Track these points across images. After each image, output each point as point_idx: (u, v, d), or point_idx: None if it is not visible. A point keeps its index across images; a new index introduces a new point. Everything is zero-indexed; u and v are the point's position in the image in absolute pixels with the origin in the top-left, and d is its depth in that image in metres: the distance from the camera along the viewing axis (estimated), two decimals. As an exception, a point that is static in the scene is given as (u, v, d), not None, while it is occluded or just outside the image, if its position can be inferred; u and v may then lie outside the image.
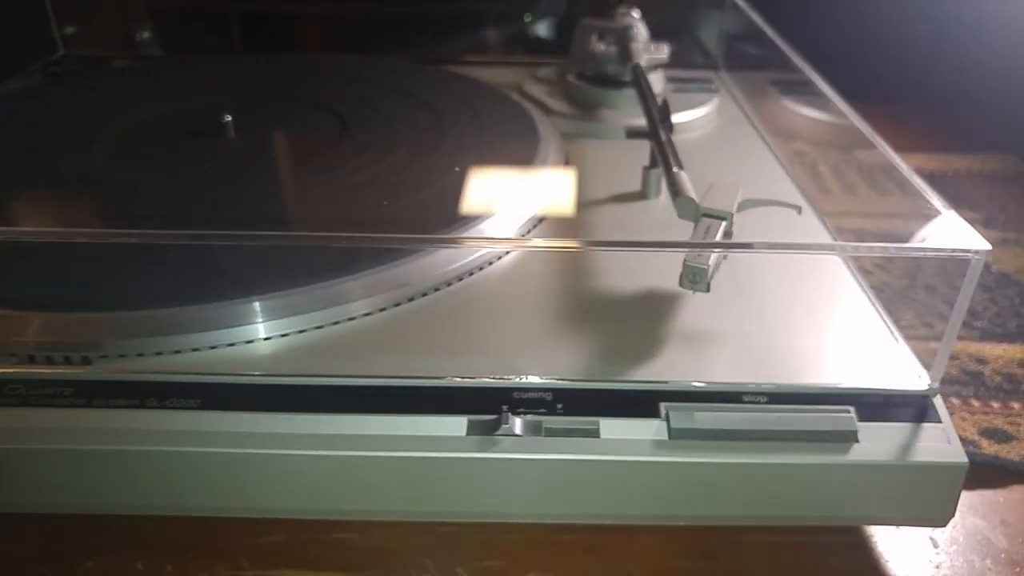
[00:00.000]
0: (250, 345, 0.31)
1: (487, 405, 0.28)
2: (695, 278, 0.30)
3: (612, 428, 0.27)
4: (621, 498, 0.28)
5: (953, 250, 0.26)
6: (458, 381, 0.29)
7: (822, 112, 0.58)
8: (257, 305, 0.31)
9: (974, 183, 0.63)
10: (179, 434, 0.27)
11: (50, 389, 0.28)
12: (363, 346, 0.31)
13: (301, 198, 0.40)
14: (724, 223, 0.31)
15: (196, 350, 0.30)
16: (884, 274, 0.48)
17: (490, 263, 0.36)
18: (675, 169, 0.35)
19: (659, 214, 0.42)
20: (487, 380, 0.29)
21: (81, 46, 0.62)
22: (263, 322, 0.31)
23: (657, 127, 0.40)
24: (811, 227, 0.40)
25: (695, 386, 0.29)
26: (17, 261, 0.33)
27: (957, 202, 0.46)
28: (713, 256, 0.30)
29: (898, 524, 0.30)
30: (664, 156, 0.37)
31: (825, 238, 0.39)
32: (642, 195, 0.43)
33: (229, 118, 0.45)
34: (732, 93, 0.59)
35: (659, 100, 0.45)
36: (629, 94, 0.51)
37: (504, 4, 0.73)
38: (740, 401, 0.28)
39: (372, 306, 0.32)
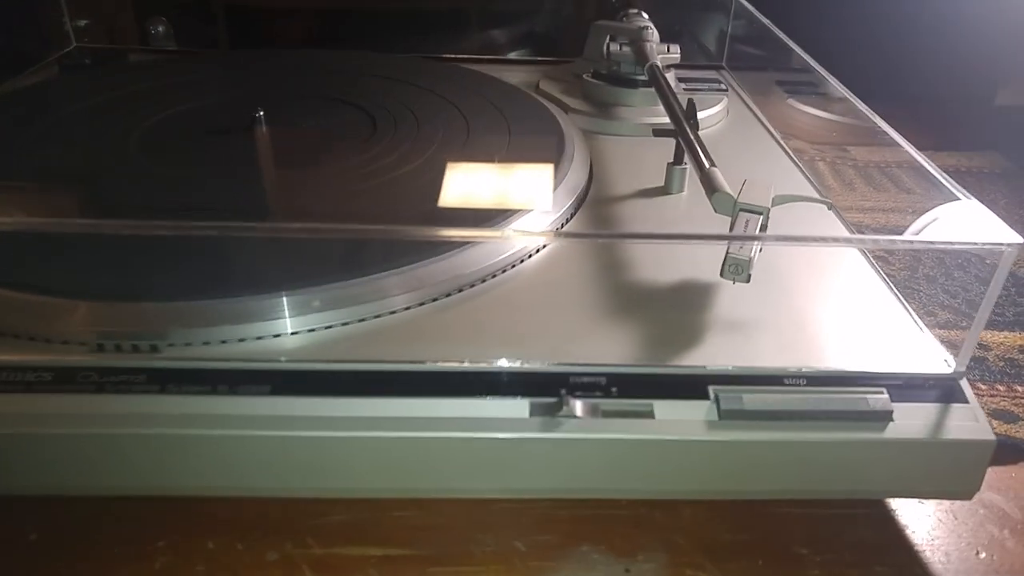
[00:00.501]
0: (312, 334, 0.32)
1: (545, 389, 0.30)
2: (738, 269, 0.32)
3: (665, 410, 0.29)
4: (673, 475, 0.29)
5: (986, 243, 0.28)
6: (518, 366, 0.30)
7: (826, 111, 0.61)
8: (319, 295, 0.32)
9: (962, 180, 0.66)
10: (251, 419, 0.29)
11: (123, 376, 0.29)
12: (413, 336, 0.32)
13: (343, 194, 0.41)
14: (761, 217, 0.33)
15: (260, 338, 0.31)
16: (886, 265, 0.50)
17: (528, 257, 0.37)
18: (709, 167, 0.37)
19: (682, 208, 0.43)
20: (545, 365, 0.30)
21: (92, 39, 0.62)
22: (323, 311, 0.32)
23: (684, 126, 0.42)
24: (825, 220, 0.42)
25: (740, 370, 0.30)
26: (84, 252, 0.34)
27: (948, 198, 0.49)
28: (753, 249, 0.32)
29: (927, 497, 0.32)
30: (695, 154, 0.39)
31: (843, 232, 0.41)
32: (665, 190, 0.45)
33: (261, 113, 0.46)
34: (737, 92, 0.61)
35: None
36: (645, 93, 0.53)
37: (505, 3, 0.74)
38: (781, 384, 0.30)
39: (415, 300, 0.33)
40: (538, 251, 0.38)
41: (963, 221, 0.31)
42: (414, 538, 0.31)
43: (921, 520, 0.32)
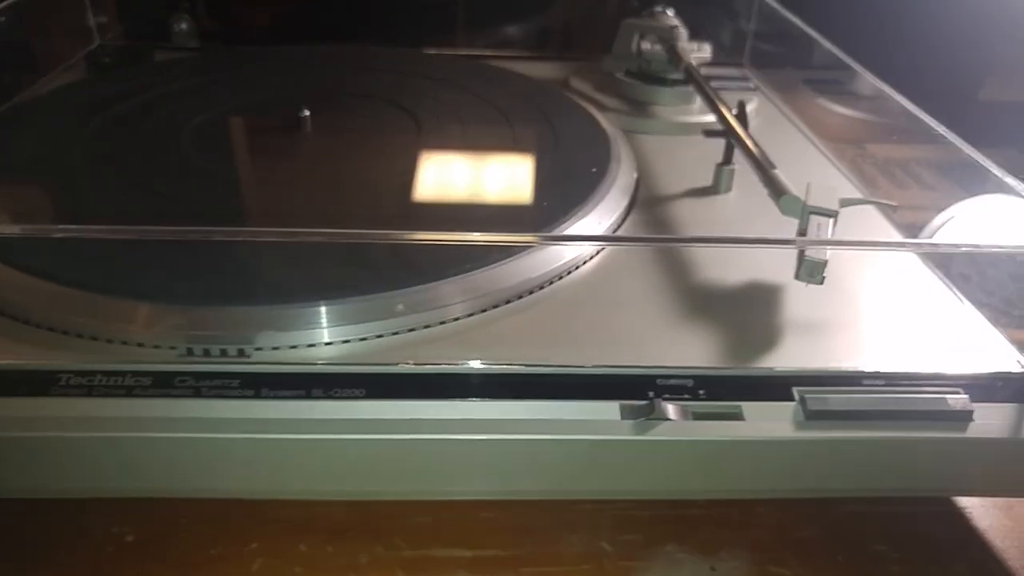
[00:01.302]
0: (395, 337, 0.32)
1: (630, 392, 0.30)
2: (813, 271, 0.32)
3: (753, 411, 0.30)
4: (760, 474, 0.30)
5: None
6: (609, 369, 0.31)
7: (852, 109, 0.62)
8: (402, 298, 0.32)
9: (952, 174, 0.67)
10: (347, 423, 0.29)
11: (218, 381, 0.29)
12: (486, 341, 0.33)
13: (399, 198, 0.41)
14: (832, 220, 0.34)
15: (346, 341, 0.31)
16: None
17: (583, 264, 0.37)
18: (772, 169, 0.37)
19: (732, 209, 0.44)
20: (633, 368, 0.31)
21: (113, 36, 0.61)
22: (407, 315, 0.32)
23: (736, 128, 0.42)
24: (872, 222, 0.43)
25: (821, 372, 0.31)
26: (171, 257, 0.33)
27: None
28: (828, 251, 0.33)
29: (1002, 495, 0.33)
30: (754, 157, 0.39)
31: (893, 233, 0.42)
32: (713, 190, 0.45)
33: (307, 113, 0.45)
34: (763, 91, 0.62)
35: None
36: (679, 91, 0.54)
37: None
38: (860, 384, 0.31)
39: (476, 306, 0.33)
40: (594, 256, 0.38)
41: (994, 216, 0.32)
42: (501, 539, 0.31)
43: (991, 517, 0.33)
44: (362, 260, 0.34)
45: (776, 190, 0.36)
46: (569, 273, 0.37)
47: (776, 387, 0.31)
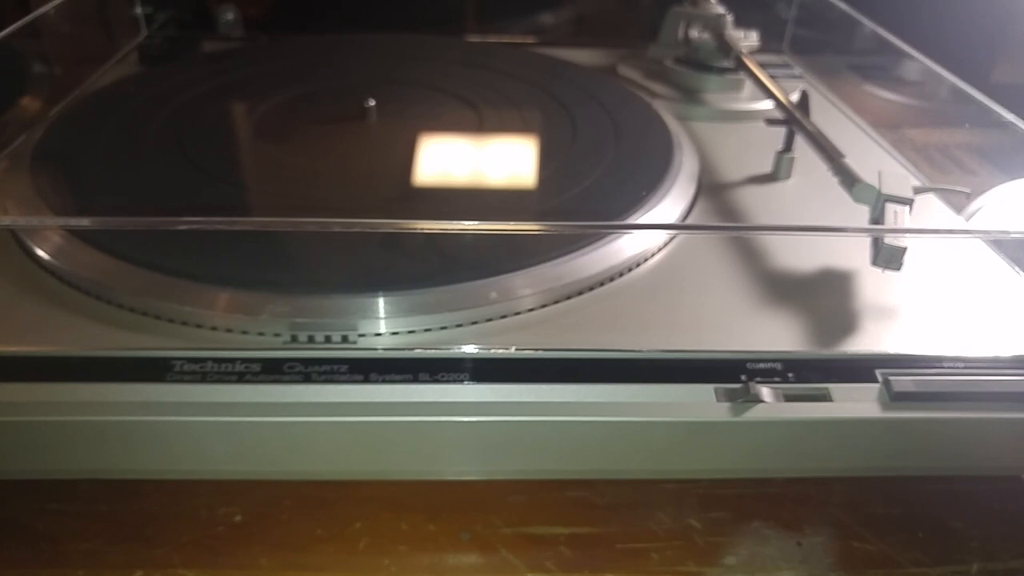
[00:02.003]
0: (489, 323, 0.33)
1: (723, 375, 0.31)
2: (892, 258, 0.33)
3: (841, 393, 0.31)
4: (847, 453, 0.31)
5: None
6: (701, 354, 0.32)
7: (897, 94, 0.63)
8: (495, 286, 0.33)
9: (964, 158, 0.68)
10: (452, 405, 0.30)
11: (327, 366, 0.30)
12: (567, 328, 0.33)
13: (471, 190, 0.42)
14: (907, 207, 0.35)
15: (444, 328, 0.32)
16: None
17: (657, 251, 0.38)
18: (842, 158, 0.38)
19: (793, 195, 0.45)
20: (725, 353, 0.32)
21: (160, 27, 0.61)
22: (498, 303, 0.33)
23: (798, 116, 0.43)
24: (931, 208, 0.44)
25: (903, 355, 0.32)
26: (271, 246, 0.35)
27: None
28: (905, 238, 0.34)
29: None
30: (822, 145, 0.40)
31: (954, 217, 0.44)
32: (772, 177, 0.46)
33: (373, 103, 0.46)
34: (807, 77, 0.62)
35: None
36: (729, 79, 0.55)
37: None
38: (940, 367, 0.32)
39: (562, 294, 0.34)
40: (667, 244, 0.39)
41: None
42: (594, 517, 0.32)
43: (1054, 493, 0.35)
44: (448, 249, 0.35)
45: (848, 179, 0.37)
46: (646, 260, 0.37)
47: (860, 370, 0.32)
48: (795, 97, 0.50)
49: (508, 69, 0.54)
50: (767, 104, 0.54)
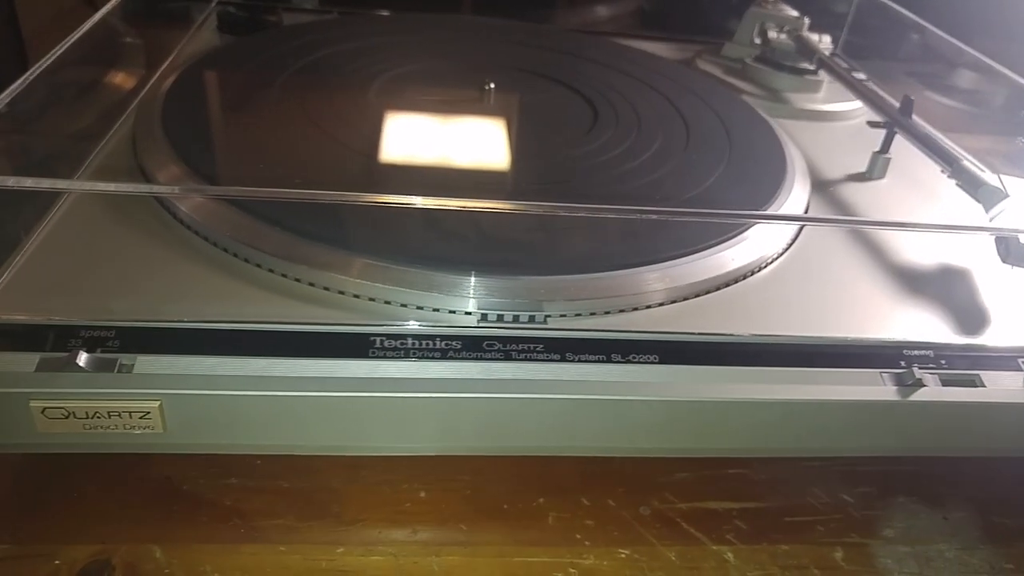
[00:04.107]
0: (662, 308, 0.34)
1: (884, 361, 0.33)
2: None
3: (990, 379, 0.33)
4: (991, 433, 0.34)
5: None
6: (865, 341, 0.34)
7: (956, 100, 0.66)
8: (666, 273, 0.34)
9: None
10: (642, 385, 0.31)
11: (524, 345, 0.31)
12: (722, 315, 0.35)
13: (611, 179, 0.43)
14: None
15: (622, 311, 0.34)
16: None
17: (787, 248, 0.40)
18: (961, 161, 0.41)
19: (891, 194, 0.47)
20: (887, 341, 0.34)
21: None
22: (672, 286, 0.34)
23: (901, 120, 0.46)
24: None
25: (1041, 345, 0.35)
26: (459, 227, 0.35)
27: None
28: (1035, 237, 0.36)
29: None
30: (936, 148, 0.42)
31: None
32: (866, 176, 0.48)
33: (492, 85, 0.47)
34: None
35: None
36: (808, 80, 0.57)
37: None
38: (1071, 356, 0.35)
39: (713, 285, 0.36)
40: (795, 240, 0.41)
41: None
42: (757, 492, 0.34)
43: None
44: (621, 235, 0.36)
45: (972, 180, 0.39)
46: (781, 255, 0.39)
47: (1004, 359, 0.34)
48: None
49: (608, 62, 0.55)
50: (846, 105, 0.57)
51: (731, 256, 0.36)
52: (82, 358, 0.28)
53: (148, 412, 0.28)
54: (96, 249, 0.34)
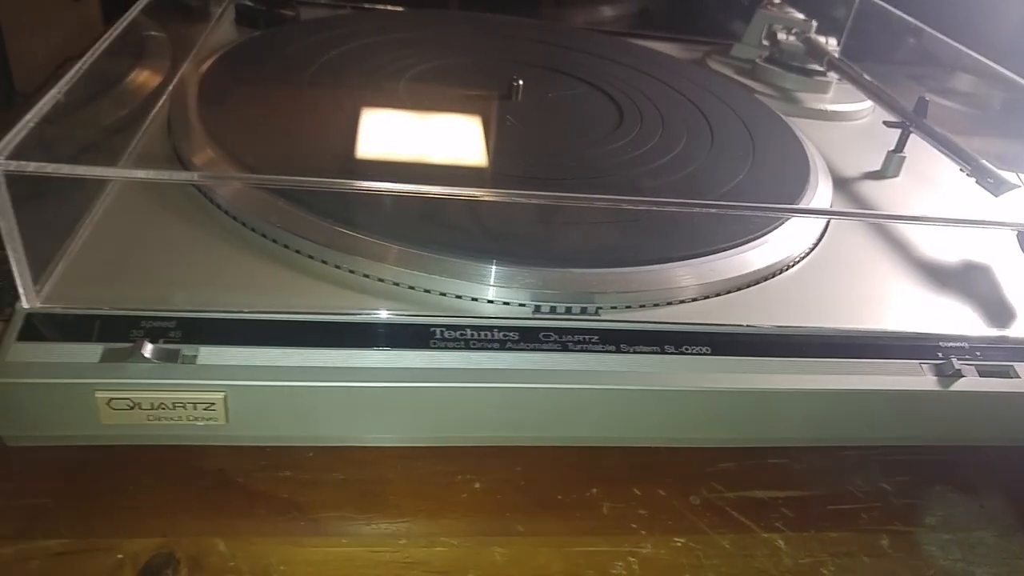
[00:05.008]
0: (707, 300, 0.35)
1: (923, 352, 0.34)
2: (1050, 250, 0.37)
3: (1021, 369, 0.35)
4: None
5: None
6: (905, 332, 0.35)
7: (956, 102, 0.67)
8: (701, 268, 0.35)
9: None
10: (694, 376, 0.32)
11: (579, 336, 0.32)
12: (765, 306, 0.36)
13: (647, 175, 0.43)
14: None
15: (670, 303, 0.34)
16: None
17: (816, 245, 0.41)
18: (980, 160, 0.42)
19: (902, 192, 0.49)
20: (924, 333, 0.35)
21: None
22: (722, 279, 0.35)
23: (916, 120, 0.47)
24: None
25: (1068, 337, 0.36)
26: (518, 220, 0.36)
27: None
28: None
29: None
30: (953, 148, 0.44)
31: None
32: (881, 174, 0.50)
33: (521, 82, 0.47)
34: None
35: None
36: (817, 80, 0.58)
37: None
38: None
39: (752, 279, 0.36)
40: (823, 235, 0.42)
41: None
42: (799, 481, 0.35)
43: None
44: (667, 229, 0.37)
45: (993, 178, 0.41)
46: (811, 251, 0.40)
47: (1027, 350, 0.36)
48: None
49: (626, 61, 0.56)
50: (854, 105, 0.58)
51: (772, 250, 0.37)
52: (147, 348, 0.27)
53: (213, 403, 0.28)
54: (142, 238, 0.33)
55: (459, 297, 0.32)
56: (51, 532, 0.28)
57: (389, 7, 0.63)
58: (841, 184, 0.48)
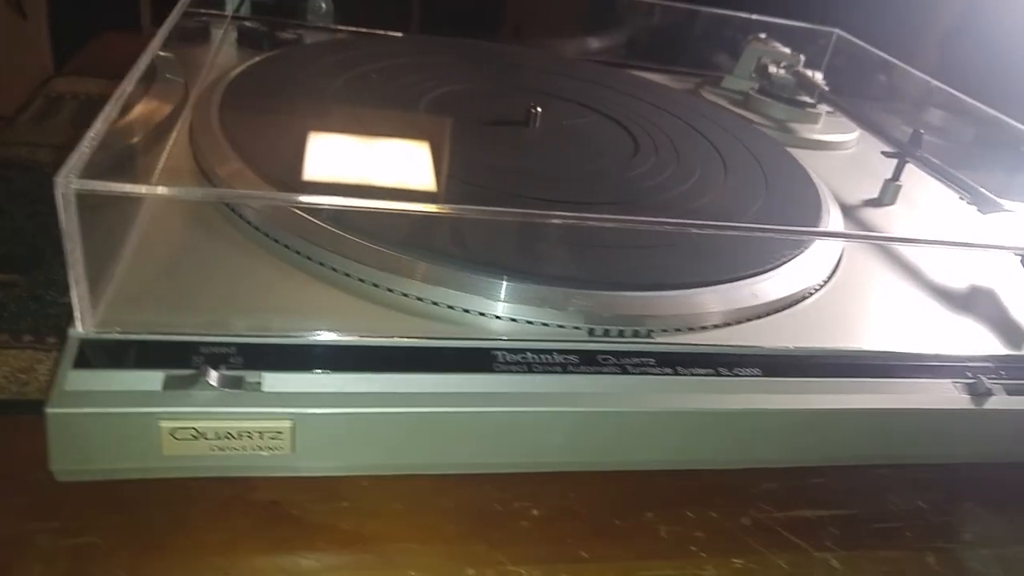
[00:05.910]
0: (751, 323, 0.35)
1: (951, 372, 0.36)
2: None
3: (1048, 387, 0.36)
4: (1050, 440, 0.36)
5: None
6: (934, 355, 0.36)
7: (936, 136, 0.71)
8: (739, 290, 0.36)
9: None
10: (747, 397, 0.32)
11: (638, 359, 0.32)
12: (796, 328, 0.37)
13: (672, 202, 0.44)
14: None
15: (716, 326, 0.35)
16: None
17: (834, 271, 0.42)
18: (979, 188, 0.44)
19: (902, 218, 0.51)
20: (953, 355, 0.36)
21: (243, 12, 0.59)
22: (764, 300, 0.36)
23: (914, 152, 0.49)
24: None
25: (1082, 357, 0.38)
26: (562, 243, 0.36)
27: None
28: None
29: None
30: (950, 176, 0.46)
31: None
32: (878, 202, 0.52)
33: (539, 109, 0.47)
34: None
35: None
36: (809, 112, 0.60)
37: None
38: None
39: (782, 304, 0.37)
40: (840, 259, 0.43)
41: None
42: (841, 500, 0.35)
43: None
44: (710, 253, 0.37)
45: (991, 204, 0.43)
46: (832, 276, 0.41)
47: (1057, 368, 0.37)
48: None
49: (631, 92, 0.57)
50: (843, 136, 0.60)
51: (800, 275, 0.38)
52: (212, 376, 0.26)
53: (280, 432, 0.27)
54: (183, 260, 0.32)
55: (513, 320, 0.32)
56: (106, 575, 0.26)
57: (391, 32, 0.63)
58: (845, 211, 0.49)
